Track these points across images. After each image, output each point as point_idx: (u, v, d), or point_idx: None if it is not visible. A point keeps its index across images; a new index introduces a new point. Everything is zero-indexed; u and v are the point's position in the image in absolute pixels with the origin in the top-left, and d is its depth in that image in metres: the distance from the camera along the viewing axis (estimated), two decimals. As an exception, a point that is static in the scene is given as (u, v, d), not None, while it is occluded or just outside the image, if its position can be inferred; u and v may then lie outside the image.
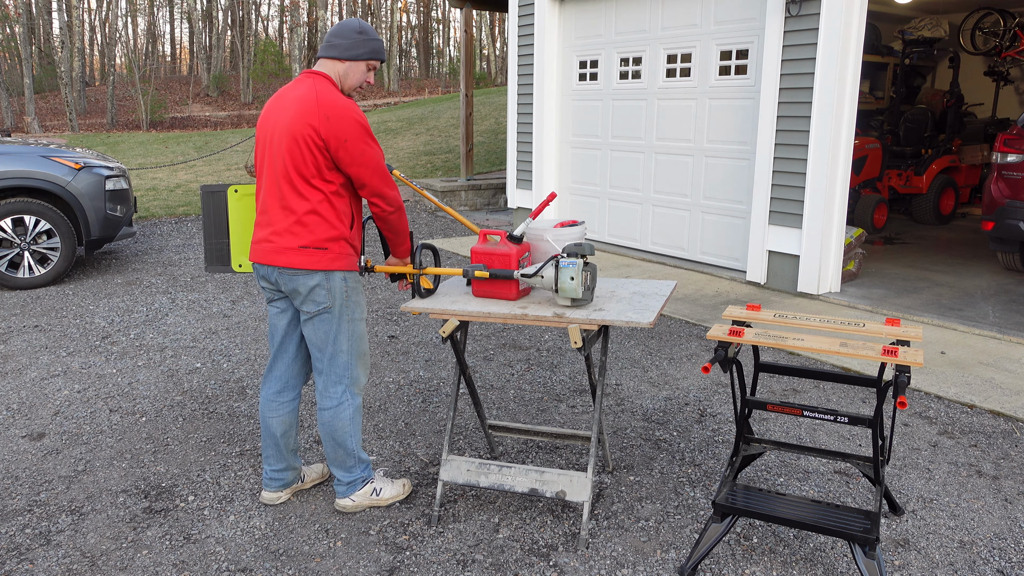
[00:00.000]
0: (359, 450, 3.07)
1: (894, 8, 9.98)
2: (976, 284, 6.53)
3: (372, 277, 6.91)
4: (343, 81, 2.88)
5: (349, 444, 3.02)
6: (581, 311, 2.77)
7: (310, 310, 2.89)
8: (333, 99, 2.75)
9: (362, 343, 3.03)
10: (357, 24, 2.88)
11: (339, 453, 3.03)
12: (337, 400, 2.98)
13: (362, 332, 3.02)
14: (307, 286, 2.85)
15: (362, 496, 3.08)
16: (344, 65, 2.86)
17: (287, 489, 3.18)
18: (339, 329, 2.93)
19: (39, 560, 2.78)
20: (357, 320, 2.98)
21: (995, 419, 3.93)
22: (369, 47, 2.87)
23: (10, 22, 30.06)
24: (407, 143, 16.51)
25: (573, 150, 8.43)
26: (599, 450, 3.34)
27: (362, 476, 3.08)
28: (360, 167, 2.78)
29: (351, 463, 3.05)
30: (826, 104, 5.86)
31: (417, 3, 43.02)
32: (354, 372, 3.01)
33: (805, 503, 2.68)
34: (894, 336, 2.69)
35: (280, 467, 3.13)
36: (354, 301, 2.96)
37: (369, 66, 2.91)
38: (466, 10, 10.50)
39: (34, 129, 22.27)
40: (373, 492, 3.10)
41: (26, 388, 4.35)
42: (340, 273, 2.89)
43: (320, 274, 2.84)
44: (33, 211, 6.39)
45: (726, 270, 6.96)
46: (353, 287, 2.95)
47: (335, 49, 2.84)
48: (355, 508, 3.09)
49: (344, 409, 2.99)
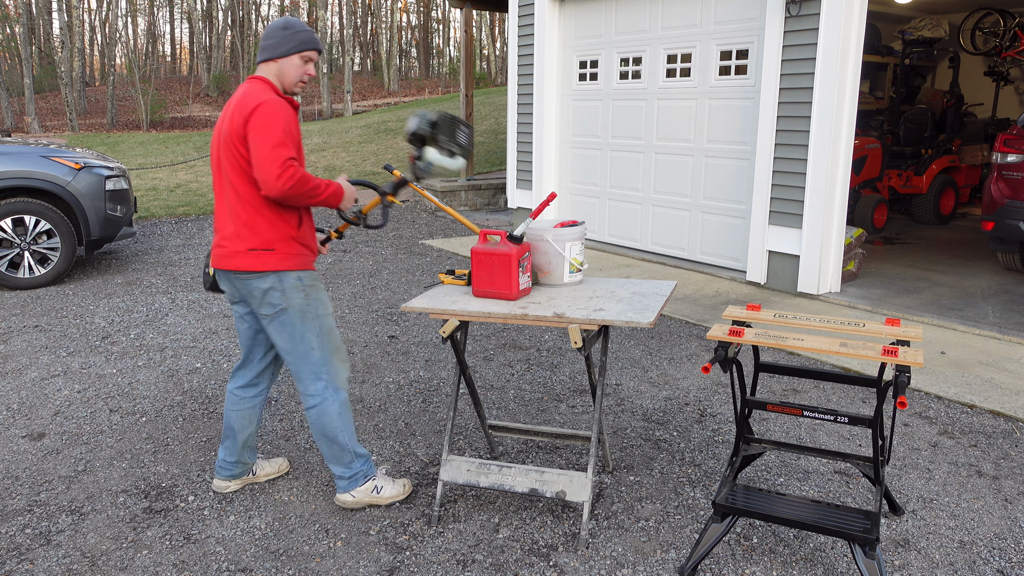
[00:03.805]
0: (354, 444, 3.06)
1: (894, 8, 9.99)
2: (976, 284, 6.53)
3: (376, 282, 6.91)
4: (281, 80, 2.91)
5: (341, 439, 3.02)
6: (581, 311, 2.77)
7: (267, 312, 2.91)
8: (257, 97, 2.77)
9: (332, 337, 3.02)
10: (282, 22, 2.93)
11: (333, 449, 3.03)
12: (320, 398, 2.99)
13: (330, 327, 3.01)
14: (260, 289, 2.87)
15: (363, 492, 3.08)
16: (277, 64, 2.89)
17: (236, 480, 3.23)
18: (304, 328, 2.94)
19: (39, 560, 2.78)
20: (322, 316, 2.98)
21: (995, 419, 3.93)
22: (296, 40, 2.89)
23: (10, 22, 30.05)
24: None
25: (573, 150, 8.43)
26: (599, 450, 3.34)
27: (363, 471, 3.08)
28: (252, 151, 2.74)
29: (348, 458, 3.05)
30: (826, 104, 5.86)
31: (417, 3, 43.02)
32: (331, 367, 3.00)
33: (805, 503, 2.68)
34: (894, 336, 2.69)
35: (231, 459, 3.18)
36: (315, 298, 2.96)
37: (303, 58, 2.92)
38: (466, 10, 10.50)
39: (34, 129, 22.27)
40: (374, 489, 3.10)
41: (26, 388, 4.35)
42: (293, 273, 2.90)
43: (272, 275, 2.86)
44: (33, 211, 6.39)
45: (726, 270, 6.96)
46: (311, 284, 2.95)
47: (266, 51, 2.90)
48: (355, 504, 3.08)
49: (328, 405, 2.98)
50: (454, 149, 2.77)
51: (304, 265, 2.94)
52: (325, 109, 27.03)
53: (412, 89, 34.01)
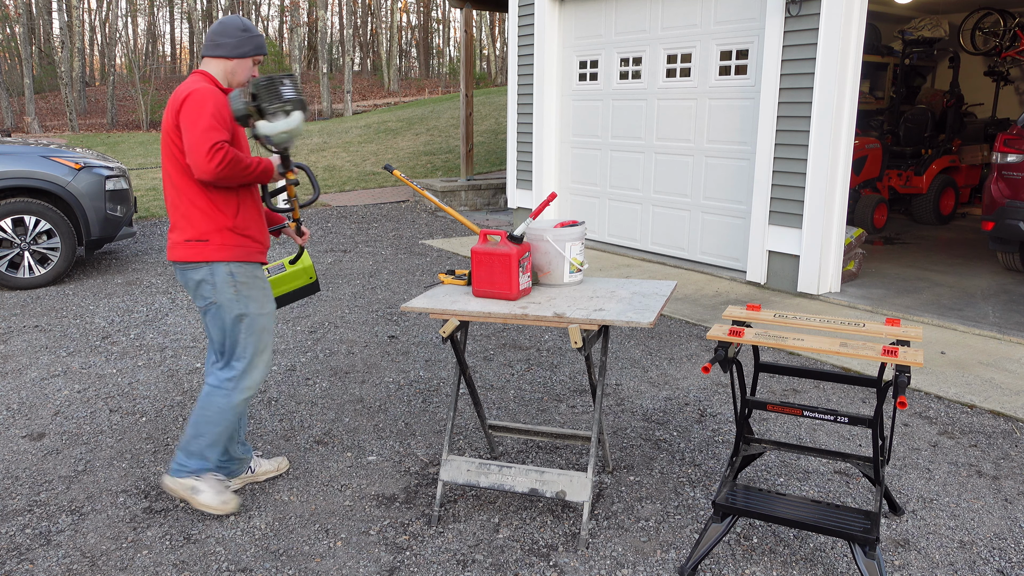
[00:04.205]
0: (210, 447, 3.00)
1: (894, 8, 9.99)
2: (976, 284, 6.53)
3: (377, 280, 6.91)
4: (231, 78, 2.95)
5: (205, 432, 2.99)
6: (581, 311, 2.77)
7: (200, 304, 2.96)
8: (187, 88, 2.80)
9: (260, 337, 3.01)
10: (240, 22, 2.95)
11: (191, 435, 3.01)
12: (219, 384, 3.00)
13: (261, 326, 3.00)
14: (194, 280, 2.91)
15: (181, 486, 3.03)
16: (232, 63, 2.94)
17: (236, 479, 3.22)
18: (232, 324, 2.95)
19: (39, 560, 2.78)
20: (253, 314, 2.97)
21: (995, 419, 3.93)
22: (254, 43, 2.95)
23: (10, 22, 30.05)
24: (407, 143, 16.52)
25: (573, 150, 8.43)
26: (599, 450, 3.34)
27: (193, 469, 3.02)
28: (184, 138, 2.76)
29: (194, 449, 3.01)
30: (826, 104, 5.86)
31: (417, 3, 43.02)
32: (247, 368, 3.00)
33: (805, 503, 2.68)
34: (894, 336, 2.69)
35: (224, 458, 3.13)
36: (245, 295, 2.94)
37: (255, 61, 3.00)
38: (466, 10, 10.50)
39: (34, 129, 22.27)
40: (192, 489, 3.02)
41: (26, 388, 4.35)
42: (226, 266, 2.90)
43: (204, 267, 2.88)
44: (33, 211, 6.39)
45: (726, 270, 6.96)
46: (244, 281, 2.94)
47: (222, 48, 2.91)
48: (171, 491, 3.04)
49: (219, 396, 2.98)
50: (286, 107, 2.68)
51: (241, 257, 2.93)
52: (325, 109, 27.04)
53: (412, 89, 34.01)
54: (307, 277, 3.44)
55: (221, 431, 3.00)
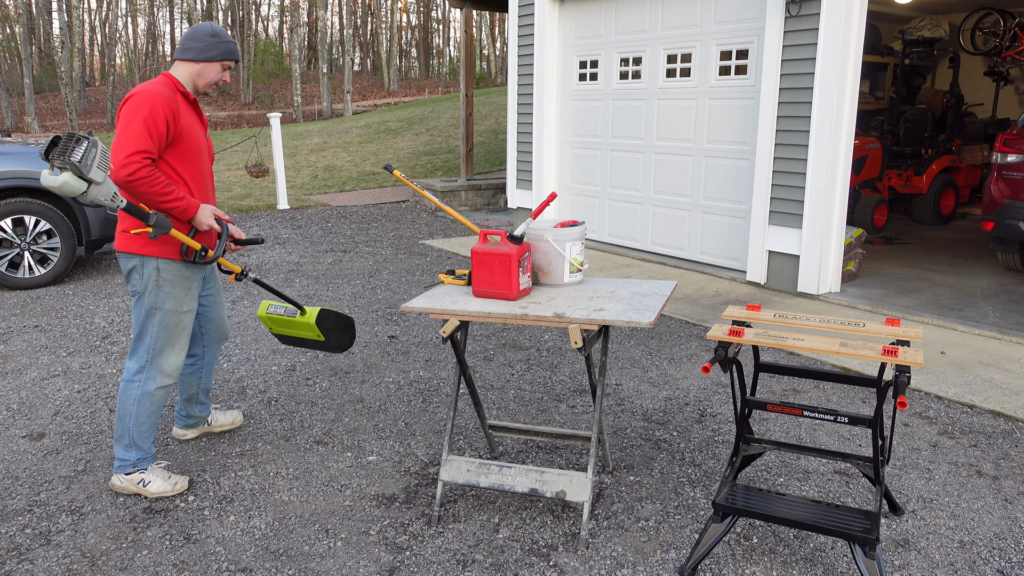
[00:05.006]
0: (139, 435, 3.15)
1: (894, 8, 9.99)
2: (976, 284, 6.53)
3: (376, 279, 6.91)
4: (196, 80, 3.10)
5: (127, 422, 3.13)
6: (581, 311, 2.77)
7: (130, 290, 3.13)
8: (138, 88, 2.94)
9: (172, 332, 3.14)
10: (210, 28, 3.11)
11: (118, 428, 3.16)
12: (130, 377, 3.14)
13: (174, 322, 3.13)
14: (127, 268, 3.09)
15: (128, 481, 3.17)
16: (199, 66, 3.08)
17: (192, 430, 3.65)
18: (148, 315, 3.09)
19: (39, 560, 2.78)
20: (169, 311, 3.11)
21: (995, 419, 3.93)
22: (222, 49, 3.11)
23: (10, 22, 30.05)
24: (407, 143, 16.52)
25: (573, 150, 8.43)
26: (599, 450, 3.34)
27: (133, 461, 3.16)
28: (116, 133, 2.90)
29: (126, 442, 3.15)
30: (826, 104, 5.86)
31: (417, 3, 43.02)
32: (156, 359, 3.14)
33: (805, 503, 2.68)
34: (894, 336, 2.69)
35: (183, 413, 3.60)
36: (167, 292, 3.09)
37: (224, 66, 3.14)
38: (466, 10, 10.51)
39: (34, 129, 22.27)
40: (141, 482, 3.17)
41: (26, 388, 4.35)
42: (154, 261, 3.04)
43: (136, 258, 3.04)
44: (33, 211, 6.39)
45: (726, 270, 6.96)
46: (168, 279, 3.07)
47: (190, 52, 3.06)
48: (121, 489, 3.18)
49: (133, 388, 3.13)
50: (56, 164, 2.65)
51: (170, 254, 3.06)
52: (325, 109, 27.04)
53: (412, 89, 34.02)
54: (314, 334, 3.45)
55: (143, 420, 3.15)
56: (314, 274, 7.02)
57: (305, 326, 3.41)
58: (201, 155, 3.15)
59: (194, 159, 3.10)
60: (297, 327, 3.44)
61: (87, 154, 2.62)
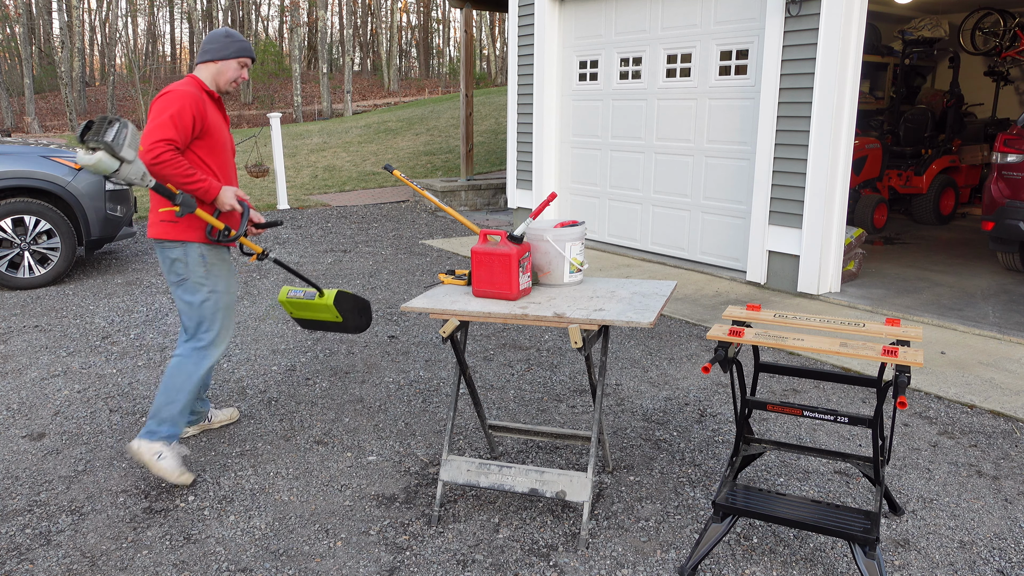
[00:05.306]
0: (181, 412, 3.28)
1: (894, 8, 9.99)
2: (976, 284, 6.53)
3: (381, 278, 6.90)
4: (217, 79, 3.32)
5: (178, 398, 3.26)
6: (581, 311, 2.77)
7: (172, 280, 3.31)
8: (169, 87, 3.18)
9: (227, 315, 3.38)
10: (224, 31, 3.37)
11: (161, 401, 3.27)
12: (187, 356, 3.33)
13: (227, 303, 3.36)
14: (169, 257, 3.27)
15: (148, 450, 3.22)
16: (218, 65, 3.31)
17: (192, 427, 3.69)
18: (203, 300, 3.30)
19: (39, 560, 2.78)
20: (222, 292, 3.35)
21: (995, 419, 3.93)
22: (236, 47, 3.33)
23: (10, 22, 30.05)
24: (407, 143, 16.52)
25: (573, 150, 8.43)
26: (599, 450, 3.34)
27: (165, 434, 3.25)
28: (147, 123, 3.11)
29: (165, 415, 3.26)
30: (826, 104, 5.86)
31: (417, 3, 43.02)
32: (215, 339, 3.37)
33: (805, 503, 2.68)
34: (894, 336, 2.69)
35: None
36: (215, 275, 3.32)
37: (240, 63, 3.35)
38: (466, 10, 10.51)
39: (34, 129, 22.28)
40: (158, 455, 3.22)
41: (26, 388, 4.35)
42: (198, 247, 3.25)
43: (179, 246, 3.23)
44: (33, 211, 6.39)
45: (726, 270, 6.96)
46: (213, 262, 3.30)
47: (208, 53, 3.31)
48: (136, 453, 3.23)
49: (188, 365, 3.31)
50: (90, 145, 2.87)
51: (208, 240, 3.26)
52: (325, 109, 27.04)
53: (412, 89, 34.01)
54: (332, 316, 3.57)
55: (189, 397, 3.30)
56: (314, 274, 7.02)
57: (324, 308, 3.54)
58: (225, 149, 3.37)
59: (219, 152, 3.32)
60: (316, 309, 3.57)
61: (119, 134, 2.84)
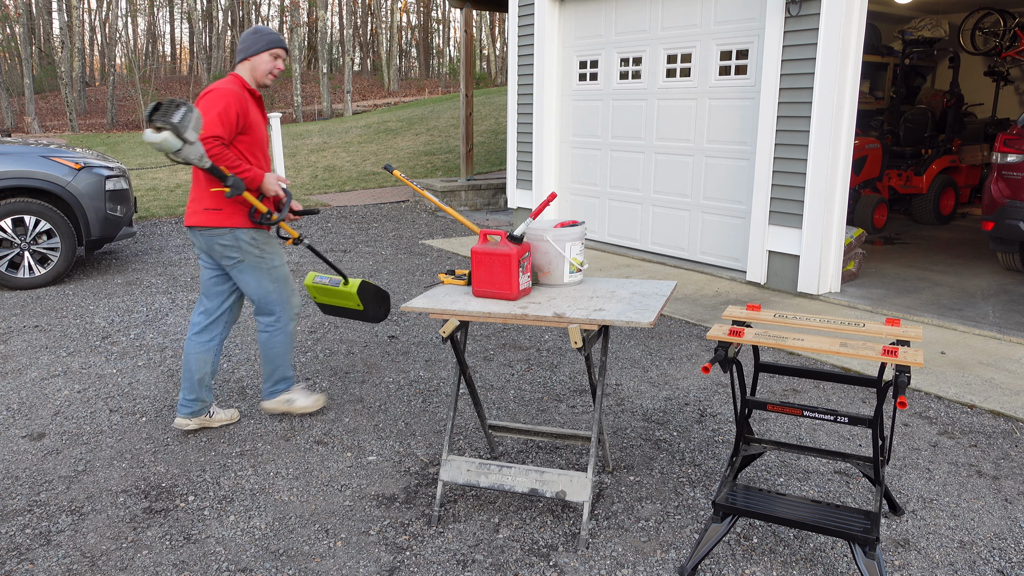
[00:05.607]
0: (286, 368, 3.81)
1: (894, 8, 9.99)
2: (976, 284, 6.53)
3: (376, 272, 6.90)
4: (254, 74, 3.56)
5: (279, 360, 3.77)
6: (581, 311, 2.77)
7: (225, 264, 3.56)
8: (213, 85, 3.43)
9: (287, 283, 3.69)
10: (252, 28, 3.57)
11: (267, 368, 3.79)
12: (272, 328, 3.71)
13: (284, 274, 3.68)
14: (219, 244, 3.49)
15: (277, 402, 3.86)
16: (251, 61, 3.54)
17: (195, 418, 3.75)
18: (263, 277, 3.59)
19: (39, 560, 2.78)
20: (278, 266, 3.64)
21: (995, 419, 3.93)
22: (265, 40, 3.53)
23: (10, 22, 30.06)
24: (407, 143, 16.52)
25: (573, 150, 8.43)
26: (599, 450, 3.34)
27: (283, 388, 3.86)
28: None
29: (277, 377, 3.81)
30: (826, 104, 5.86)
31: (417, 3, 43.01)
32: (286, 306, 3.70)
33: (805, 503, 2.68)
34: (894, 336, 2.69)
35: (191, 397, 3.70)
36: (270, 252, 3.60)
37: (272, 55, 3.55)
38: (466, 10, 10.50)
39: (34, 129, 22.28)
40: (287, 400, 3.87)
41: (26, 388, 4.35)
42: (246, 232, 3.49)
43: (227, 232, 3.47)
44: (33, 211, 6.39)
45: (726, 270, 6.96)
46: (265, 240, 3.57)
47: (242, 52, 3.55)
48: (272, 410, 3.88)
49: (276, 335, 3.72)
50: (157, 125, 3.03)
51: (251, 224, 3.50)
52: (325, 109, 27.03)
53: (412, 89, 34.00)
54: (354, 303, 3.78)
55: (287, 356, 3.78)
56: (314, 274, 7.01)
57: (347, 295, 3.75)
58: (264, 145, 3.62)
59: (259, 148, 3.58)
60: (339, 296, 3.78)
61: (185, 117, 3.02)
